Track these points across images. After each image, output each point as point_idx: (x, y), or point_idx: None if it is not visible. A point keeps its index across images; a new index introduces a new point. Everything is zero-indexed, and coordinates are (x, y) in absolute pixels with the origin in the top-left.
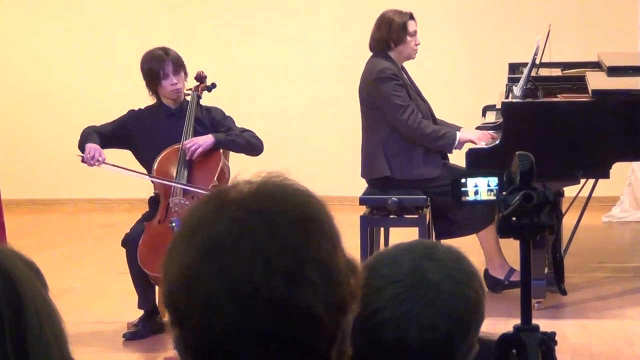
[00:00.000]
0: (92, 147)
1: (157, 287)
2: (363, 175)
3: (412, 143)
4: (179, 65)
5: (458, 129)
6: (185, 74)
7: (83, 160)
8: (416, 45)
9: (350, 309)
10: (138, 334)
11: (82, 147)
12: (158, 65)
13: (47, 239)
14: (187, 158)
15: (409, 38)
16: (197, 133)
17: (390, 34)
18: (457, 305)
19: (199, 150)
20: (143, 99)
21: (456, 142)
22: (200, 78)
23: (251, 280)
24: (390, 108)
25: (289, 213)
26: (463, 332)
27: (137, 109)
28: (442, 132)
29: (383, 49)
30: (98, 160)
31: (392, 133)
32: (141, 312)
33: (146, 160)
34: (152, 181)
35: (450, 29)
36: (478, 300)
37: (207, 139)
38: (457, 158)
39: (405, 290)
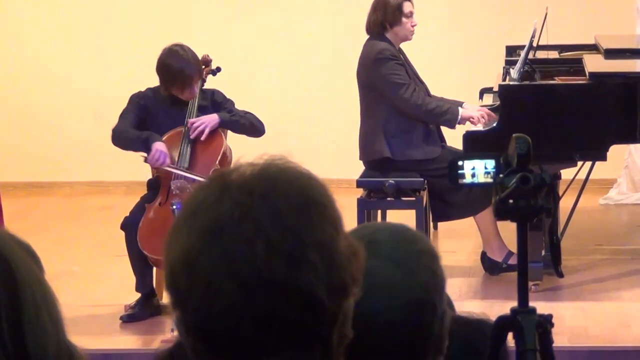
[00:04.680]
0: (159, 149)
1: (154, 270)
2: (361, 158)
3: (414, 121)
4: (201, 73)
5: (460, 104)
6: None
7: (146, 160)
8: (412, 26)
9: (351, 292)
10: (135, 316)
11: (145, 147)
12: (186, 76)
13: (44, 221)
14: (192, 136)
15: (404, 19)
16: (199, 116)
17: (386, 16)
18: (411, 285)
19: (207, 130)
20: (141, 82)
21: (459, 118)
22: (206, 62)
23: (253, 262)
24: (392, 87)
25: (291, 196)
26: (429, 307)
27: (137, 92)
28: (446, 108)
29: (379, 31)
30: (163, 163)
31: (391, 114)
32: (138, 295)
33: None
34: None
35: (447, 11)
36: (430, 269)
37: (212, 118)
38: (455, 141)
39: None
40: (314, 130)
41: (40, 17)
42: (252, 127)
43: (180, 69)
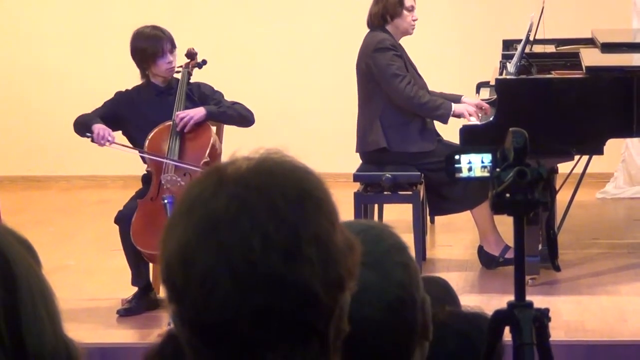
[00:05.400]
0: (100, 127)
1: (150, 264)
2: (358, 149)
3: (408, 114)
4: (173, 44)
5: (459, 98)
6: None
7: (93, 140)
8: (413, 20)
9: (348, 287)
10: (132, 310)
11: (86, 129)
12: (157, 44)
13: (40, 215)
14: (178, 129)
15: (405, 12)
16: (187, 109)
17: (387, 8)
18: (389, 287)
19: (191, 122)
20: (137, 76)
21: (451, 113)
22: (191, 55)
23: (249, 256)
24: (388, 77)
25: (287, 190)
26: (409, 303)
27: (124, 90)
28: (439, 102)
29: (380, 24)
30: (108, 140)
31: (388, 105)
32: (135, 289)
33: (137, 140)
34: (144, 158)
35: (444, 6)
36: (404, 263)
37: (199, 111)
38: (451, 135)
39: None
40: (311, 124)
41: (37, 13)
42: (240, 117)
43: (146, 44)
